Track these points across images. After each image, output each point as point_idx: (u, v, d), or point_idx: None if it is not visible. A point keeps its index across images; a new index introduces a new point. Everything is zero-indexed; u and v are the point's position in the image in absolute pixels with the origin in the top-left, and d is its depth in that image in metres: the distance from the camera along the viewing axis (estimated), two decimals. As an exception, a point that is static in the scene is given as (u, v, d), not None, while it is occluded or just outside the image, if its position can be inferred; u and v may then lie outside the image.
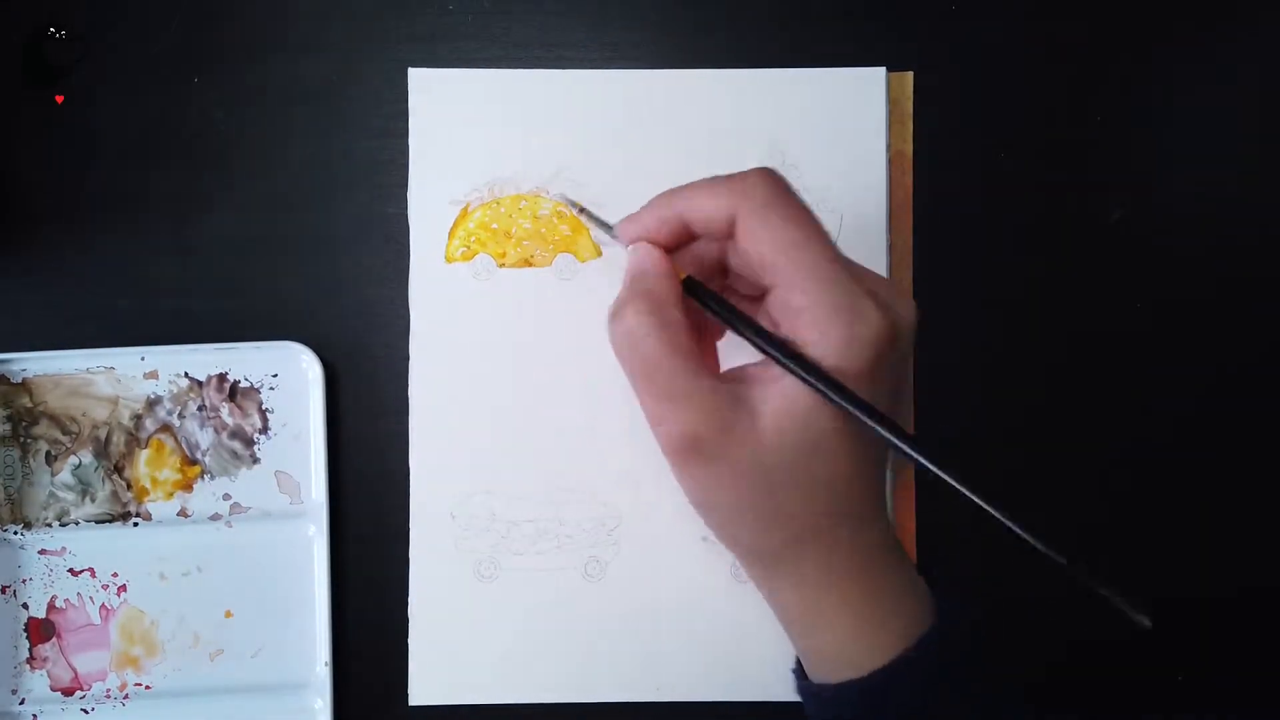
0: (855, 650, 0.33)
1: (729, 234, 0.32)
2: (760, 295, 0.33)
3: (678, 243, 0.34)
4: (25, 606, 0.43)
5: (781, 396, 0.31)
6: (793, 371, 0.30)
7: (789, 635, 0.35)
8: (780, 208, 0.31)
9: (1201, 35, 0.45)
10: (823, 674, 0.34)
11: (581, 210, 0.38)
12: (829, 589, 0.33)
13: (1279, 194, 0.45)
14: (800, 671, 0.36)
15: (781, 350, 0.31)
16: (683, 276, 0.33)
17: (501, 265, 0.43)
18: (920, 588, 0.35)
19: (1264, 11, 0.45)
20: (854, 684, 0.33)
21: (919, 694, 0.33)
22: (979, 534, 0.33)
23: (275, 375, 0.43)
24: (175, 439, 0.43)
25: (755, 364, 0.32)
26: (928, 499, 0.43)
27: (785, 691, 0.42)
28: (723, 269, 0.35)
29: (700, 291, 0.33)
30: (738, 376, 0.32)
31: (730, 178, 0.32)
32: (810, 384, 0.30)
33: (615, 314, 0.32)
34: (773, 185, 0.32)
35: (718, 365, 0.36)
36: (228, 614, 0.43)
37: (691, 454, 0.31)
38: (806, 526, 0.32)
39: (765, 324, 0.32)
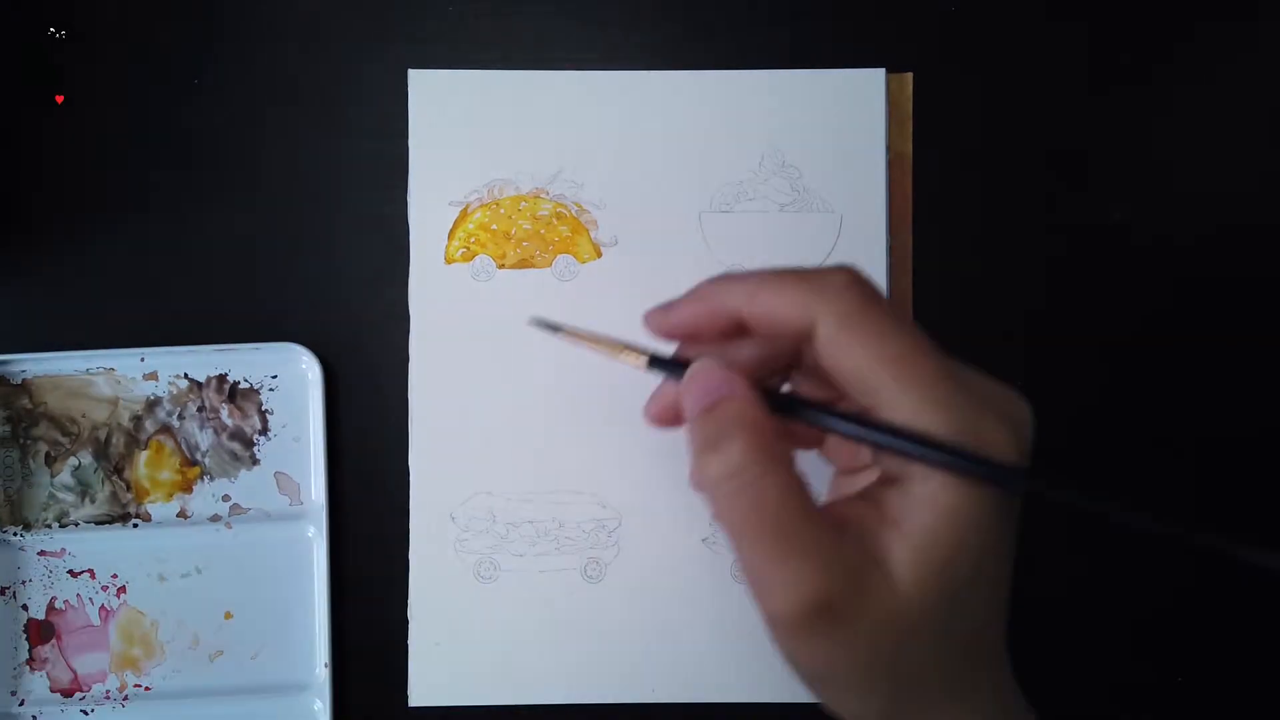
0: None
1: (797, 342, 0.28)
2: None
3: (713, 339, 0.29)
4: (25, 608, 0.43)
5: (916, 545, 0.26)
6: (976, 473, 0.25)
7: None
8: (873, 317, 0.27)
9: (1202, 35, 0.45)
10: None
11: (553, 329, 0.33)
12: None
13: (1278, 194, 0.45)
14: None
15: (955, 453, 0.25)
16: (779, 390, 0.28)
17: (501, 266, 0.43)
18: None
19: (1264, 12, 0.45)
20: None
21: None
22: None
23: (275, 376, 0.43)
24: (175, 440, 0.43)
25: (877, 506, 0.27)
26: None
27: (785, 692, 0.42)
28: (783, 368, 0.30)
29: (799, 405, 0.28)
30: (857, 523, 0.27)
31: (807, 275, 0.28)
32: (969, 470, 0.25)
33: (710, 449, 0.27)
34: (860, 292, 0.27)
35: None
36: (227, 615, 0.43)
37: (815, 621, 0.26)
38: (935, 697, 0.27)
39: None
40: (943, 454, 0.25)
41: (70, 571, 0.43)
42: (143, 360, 0.43)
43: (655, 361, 0.30)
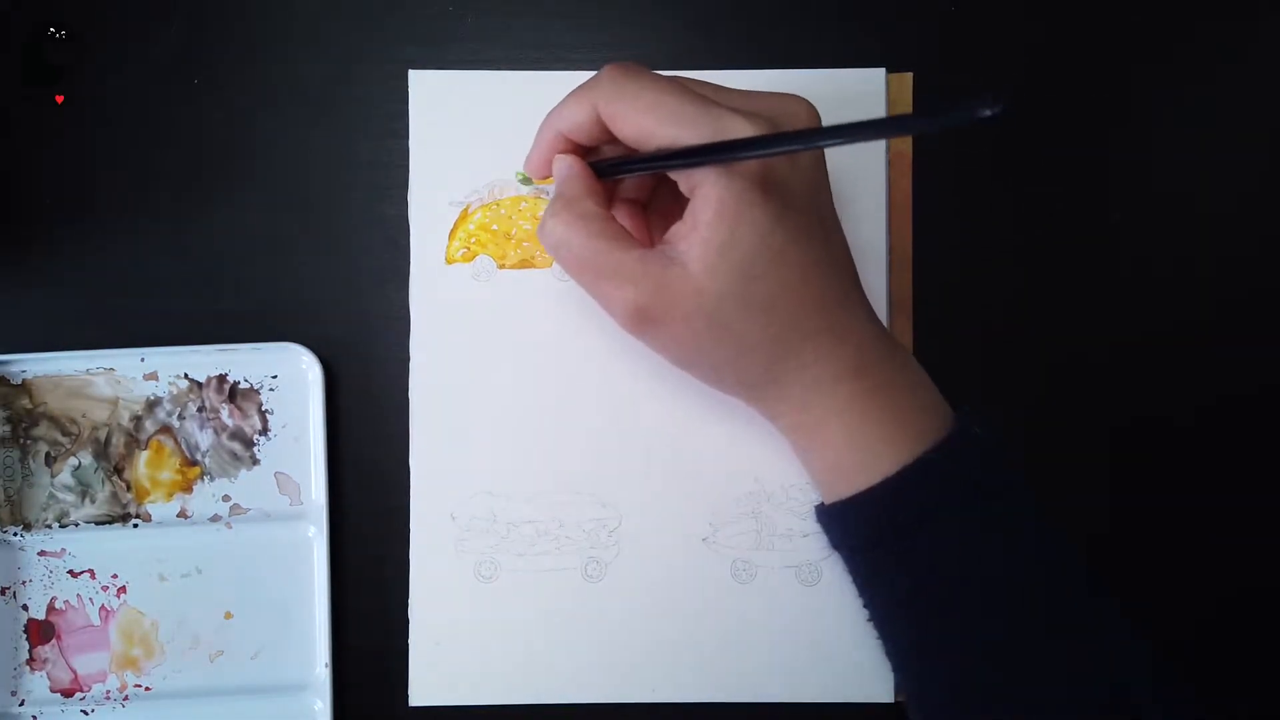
0: (859, 460, 0.34)
1: (606, 134, 0.35)
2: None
3: (579, 152, 0.37)
4: (25, 608, 0.43)
5: (702, 238, 0.32)
6: (721, 159, 0.32)
7: (804, 465, 0.37)
8: (629, 82, 0.34)
9: (1202, 36, 0.45)
10: (837, 493, 0.35)
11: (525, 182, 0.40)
12: (819, 401, 0.35)
13: (1278, 195, 0.45)
14: (820, 508, 0.37)
15: (702, 152, 0.32)
16: (584, 162, 0.36)
17: (502, 266, 0.43)
18: (934, 397, 0.36)
19: (1265, 12, 0.45)
20: (867, 492, 0.34)
21: (936, 498, 0.33)
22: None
23: (275, 376, 0.43)
24: (175, 440, 0.43)
25: (678, 224, 0.34)
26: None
27: (785, 692, 0.42)
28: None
29: (605, 167, 0.36)
30: (668, 240, 0.34)
31: (584, 83, 0.35)
32: (724, 157, 0.32)
33: (540, 227, 0.35)
34: (619, 69, 0.34)
35: (651, 240, 0.38)
36: (227, 615, 0.43)
37: (643, 321, 0.34)
38: (776, 350, 0.34)
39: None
40: (690, 156, 0.32)
41: (70, 571, 0.43)
42: (143, 360, 0.43)
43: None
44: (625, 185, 0.39)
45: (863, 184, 0.43)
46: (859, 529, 0.35)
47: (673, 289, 0.33)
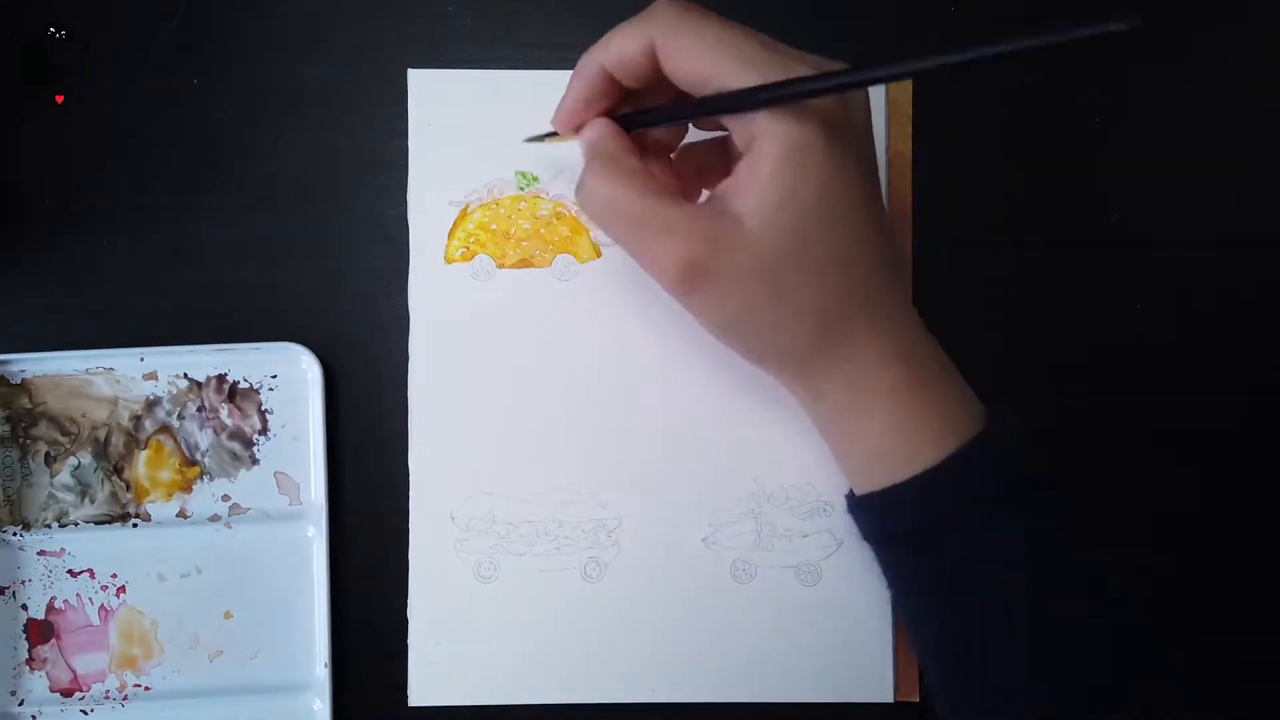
0: (900, 450, 0.34)
1: (654, 72, 0.33)
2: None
3: (612, 105, 0.35)
4: (24, 608, 0.43)
5: (759, 193, 0.31)
6: (764, 102, 0.31)
7: (838, 453, 0.36)
8: (691, 17, 0.32)
9: (1202, 35, 0.45)
10: (872, 484, 0.35)
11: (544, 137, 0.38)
12: (866, 382, 0.34)
13: (1278, 195, 0.45)
14: (854, 496, 0.36)
15: (735, 95, 0.31)
16: (623, 115, 0.34)
17: (501, 266, 0.43)
18: (968, 392, 0.35)
19: (1265, 12, 0.45)
20: (907, 483, 0.33)
21: (974, 491, 0.33)
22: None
23: (274, 376, 0.43)
24: (174, 440, 0.43)
25: (729, 180, 0.33)
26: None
27: (785, 692, 0.42)
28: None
29: (641, 118, 0.34)
30: (717, 195, 0.33)
31: (638, 15, 0.33)
32: (782, 98, 0.30)
33: (579, 187, 0.34)
34: (679, 4, 0.33)
35: (697, 197, 0.37)
36: (227, 615, 0.43)
37: (691, 278, 0.32)
38: (825, 318, 0.33)
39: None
40: (751, 96, 0.31)
41: (70, 571, 0.43)
42: (142, 360, 0.43)
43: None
44: (651, 140, 0.37)
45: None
46: (896, 520, 0.35)
47: (725, 243, 0.32)
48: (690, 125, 0.37)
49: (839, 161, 0.32)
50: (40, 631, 0.43)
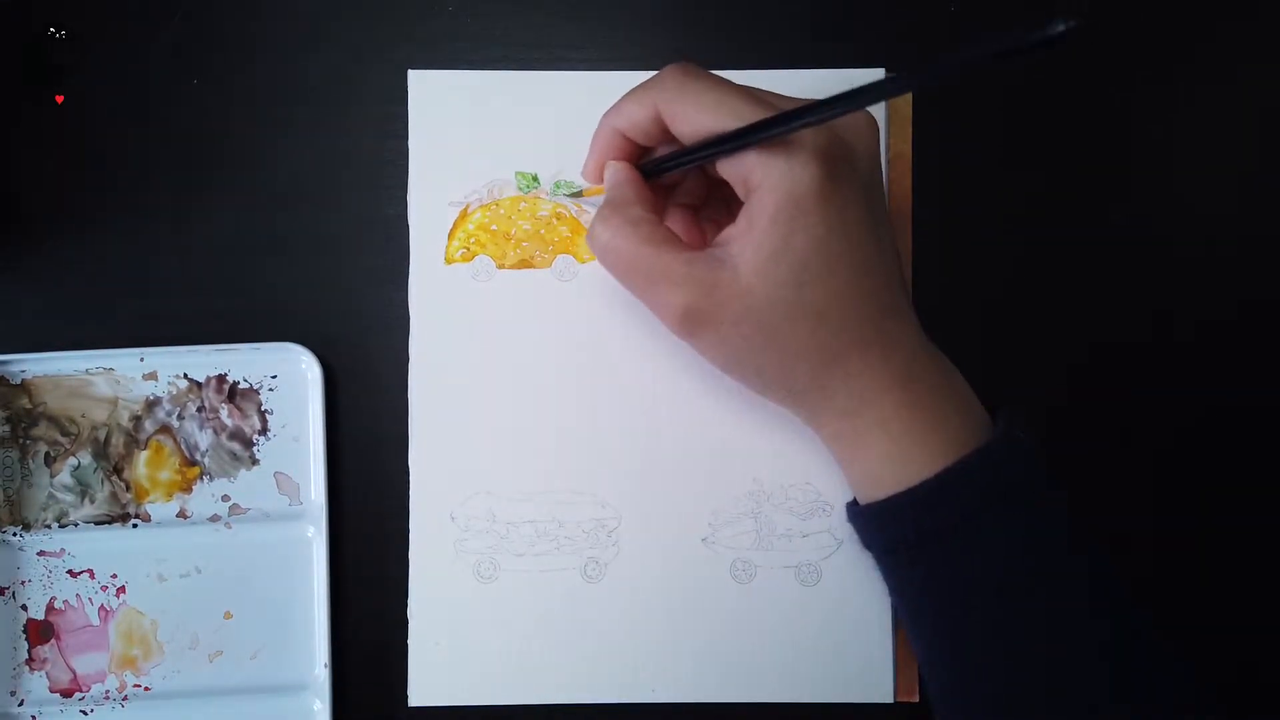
0: (900, 467, 0.34)
1: (664, 133, 0.35)
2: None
3: (631, 158, 0.37)
4: (24, 608, 0.43)
5: (755, 242, 0.32)
6: (765, 138, 0.32)
7: (841, 467, 0.37)
8: (692, 83, 0.34)
9: (1203, 35, 0.45)
10: (874, 496, 0.35)
11: (576, 195, 0.40)
12: (864, 412, 0.35)
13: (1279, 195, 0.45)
14: (854, 505, 0.37)
15: (736, 135, 0.32)
16: (636, 165, 0.36)
17: (501, 266, 0.43)
18: (973, 404, 0.36)
19: (1265, 12, 0.45)
20: (903, 494, 0.34)
21: (972, 505, 0.33)
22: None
23: (274, 376, 0.43)
24: (174, 440, 0.43)
25: (730, 227, 0.34)
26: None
27: (785, 692, 0.42)
28: (709, 185, 0.38)
29: (655, 166, 0.36)
30: (719, 243, 0.34)
31: (645, 81, 0.35)
32: (781, 130, 0.31)
33: (589, 235, 0.35)
34: (682, 69, 0.34)
35: (704, 243, 0.38)
36: (227, 615, 0.43)
37: (691, 323, 0.34)
38: (823, 358, 0.34)
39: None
40: (738, 138, 0.32)
41: (70, 571, 0.43)
42: (142, 360, 0.43)
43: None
44: (679, 191, 0.39)
45: (862, 184, 0.43)
46: (893, 530, 0.35)
47: (722, 291, 0.33)
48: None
49: (839, 208, 0.32)
50: (40, 632, 0.43)
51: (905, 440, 0.34)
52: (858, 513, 0.37)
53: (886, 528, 0.35)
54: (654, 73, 0.36)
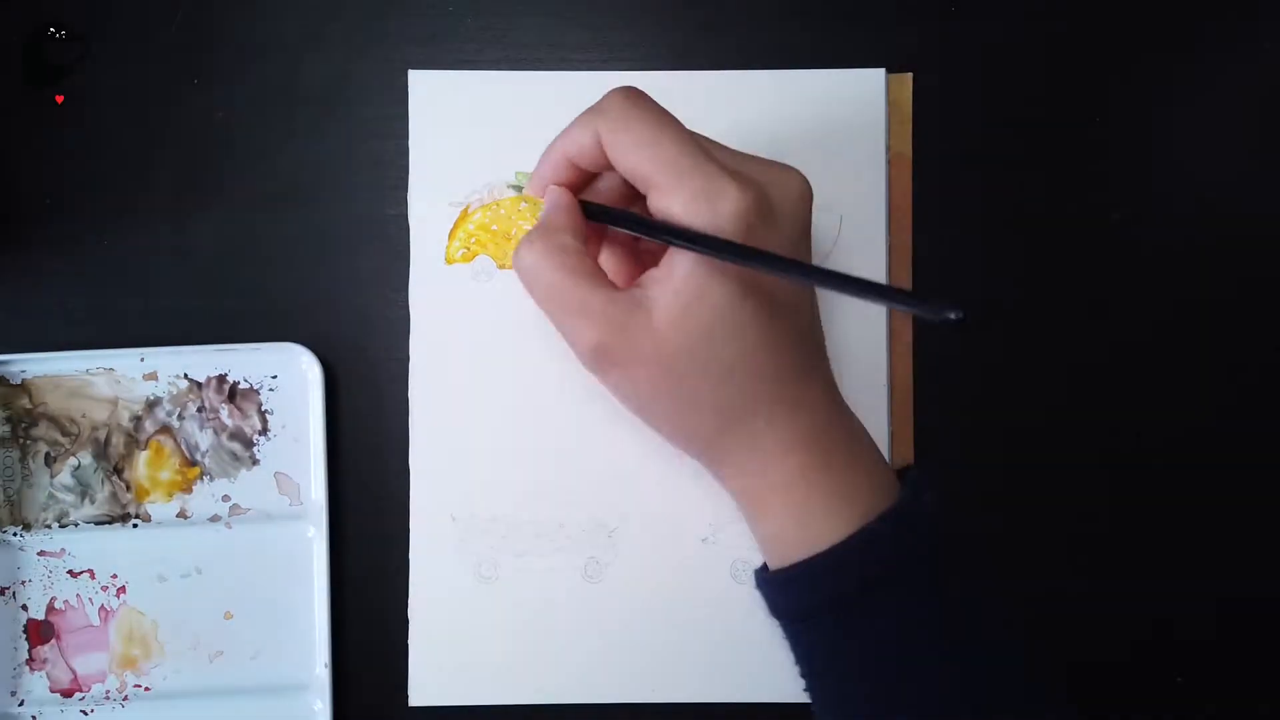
0: (805, 530, 0.34)
1: (606, 159, 0.34)
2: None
3: (577, 182, 0.36)
4: (25, 608, 0.43)
5: (672, 291, 0.32)
6: (688, 246, 0.32)
7: (749, 525, 0.36)
8: (633, 116, 0.33)
9: (1202, 35, 0.45)
10: (781, 560, 0.35)
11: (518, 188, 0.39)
12: (767, 470, 0.34)
13: (1278, 195, 0.45)
14: (764, 568, 0.36)
15: (671, 230, 0.32)
16: (581, 202, 0.35)
17: (502, 267, 0.43)
18: (881, 471, 0.35)
19: (1264, 12, 0.45)
20: (807, 562, 0.33)
21: (874, 575, 0.33)
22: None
23: (275, 377, 0.43)
24: (175, 440, 0.43)
25: (655, 269, 0.34)
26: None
27: (785, 692, 0.42)
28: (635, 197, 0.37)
29: (594, 210, 0.36)
30: (642, 283, 0.34)
31: (592, 106, 0.34)
32: (702, 249, 0.31)
33: (515, 253, 0.34)
34: (625, 98, 0.34)
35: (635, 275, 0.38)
36: (227, 615, 0.43)
37: (600, 360, 0.33)
38: (729, 413, 0.34)
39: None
40: (668, 233, 0.32)
41: (70, 571, 0.43)
42: (143, 360, 0.43)
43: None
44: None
45: (863, 184, 0.43)
46: (798, 598, 0.34)
47: (634, 333, 0.33)
48: None
49: (753, 278, 0.32)
50: (40, 632, 0.43)
51: (809, 504, 0.34)
52: (764, 577, 0.36)
53: (790, 594, 0.35)
54: (656, 73, 0.36)
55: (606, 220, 0.35)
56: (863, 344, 0.43)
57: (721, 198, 0.32)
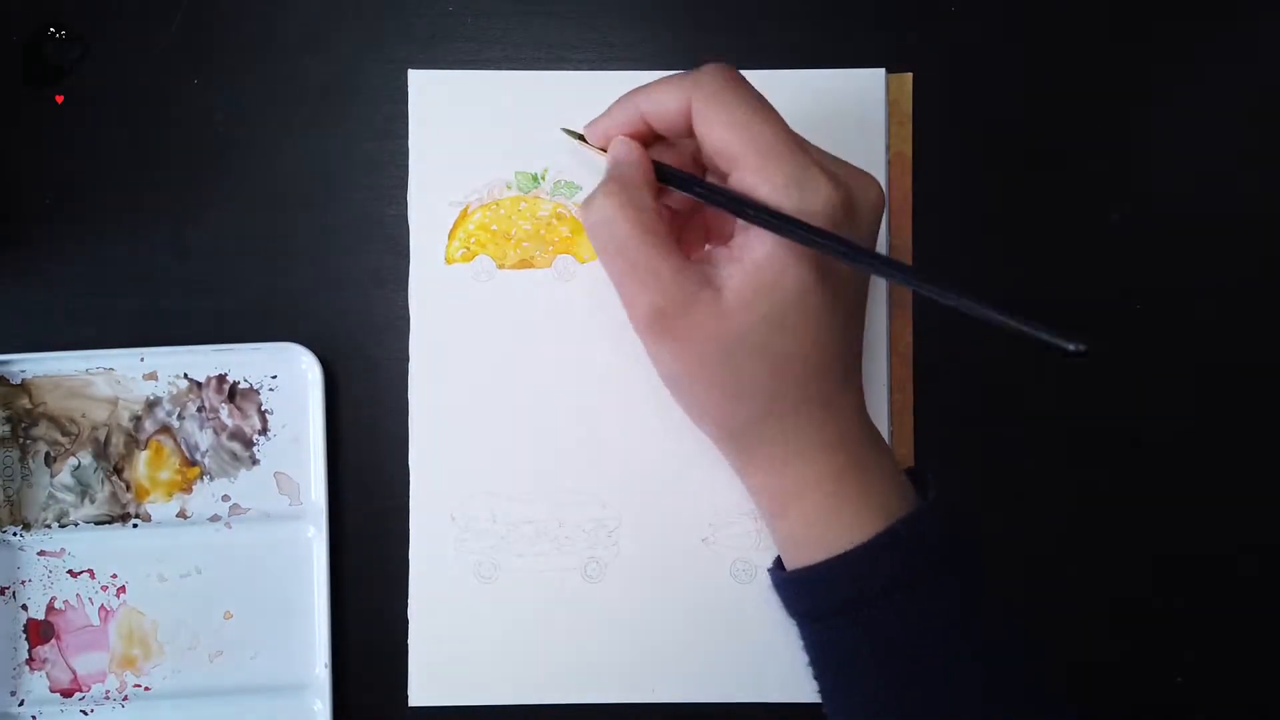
0: (827, 530, 0.34)
1: (687, 128, 0.34)
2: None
3: (646, 140, 0.36)
4: (24, 608, 0.43)
5: (745, 271, 0.32)
6: (766, 224, 0.31)
7: (766, 522, 0.37)
8: (730, 93, 0.33)
9: (1201, 35, 0.45)
10: (800, 560, 0.35)
11: (580, 137, 0.38)
12: (797, 468, 0.34)
13: (1278, 194, 0.45)
14: (778, 566, 0.36)
15: (751, 205, 0.32)
16: (655, 162, 0.35)
17: (501, 266, 0.43)
18: (898, 477, 0.35)
19: (1263, 12, 0.45)
20: (828, 562, 0.33)
21: (895, 576, 0.33)
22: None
23: (275, 376, 0.43)
24: (174, 440, 0.43)
25: (727, 246, 0.34)
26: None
27: (786, 692, 0.42)
28: (699, 169, 0.37)
29: (670, 174, 0.35)
30: (709, 259, 0.34)
31: (685, 73, 0.34)
32: (784, 230, 0.31)
33: (588, 200, 0.34)
34: (724, 74, 0.33)
35: (696, 252, 0.37)
36: (227, 615, 0.43)
37: (657, 328, 0.33)
38: (771, 404, 0.34)
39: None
40: (760, 213, 0.32)
41: (70, 571, 0.43)
42: (142, 360, 0.43)
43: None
44: (675, 195, 0.38)
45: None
46: (817, 598, 0.34)
47: (698, 309, 0.32)
48: None
49: (826, 270, 0.32)
50: (40, 631, 0.43)
51: (834, 506, 0.34)
52: (780, 576, 0.36)
53: (809, 594, 0.35)
54: (656, 73, 0.36)
55: (677, 185, 0.35)
56: (863, 344, 0.43)
57: (814, 189, 0.32)
